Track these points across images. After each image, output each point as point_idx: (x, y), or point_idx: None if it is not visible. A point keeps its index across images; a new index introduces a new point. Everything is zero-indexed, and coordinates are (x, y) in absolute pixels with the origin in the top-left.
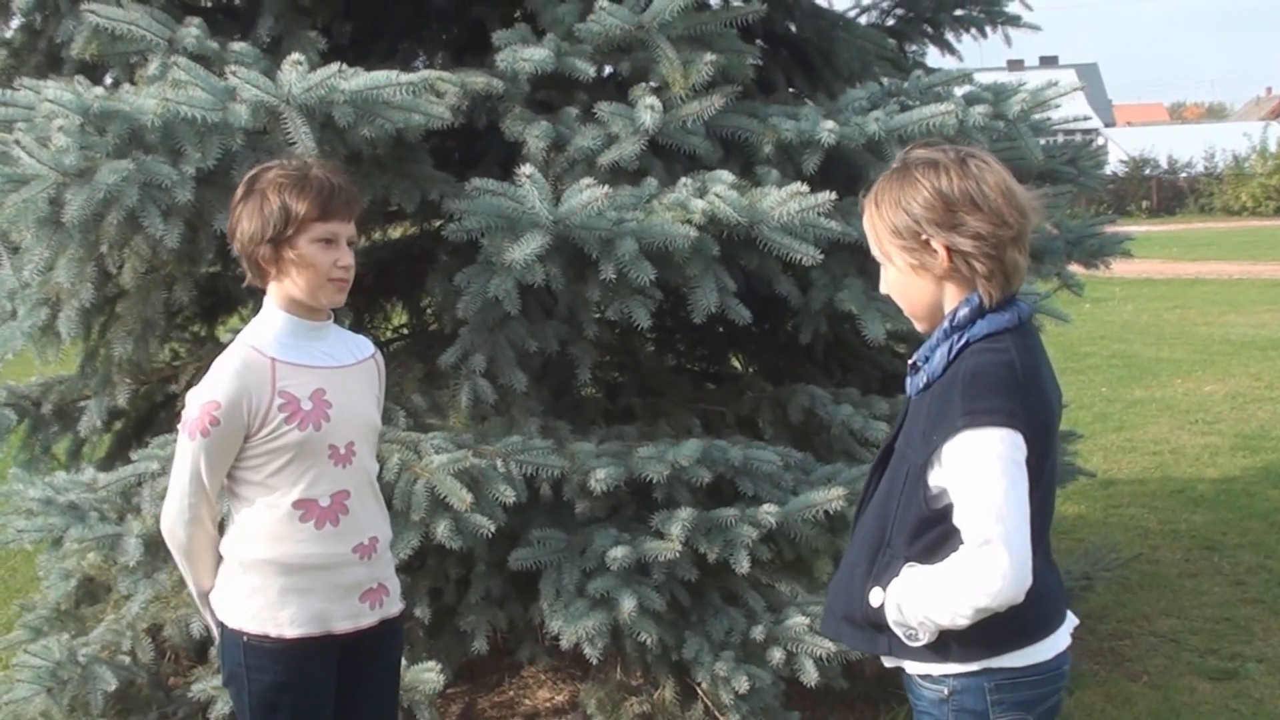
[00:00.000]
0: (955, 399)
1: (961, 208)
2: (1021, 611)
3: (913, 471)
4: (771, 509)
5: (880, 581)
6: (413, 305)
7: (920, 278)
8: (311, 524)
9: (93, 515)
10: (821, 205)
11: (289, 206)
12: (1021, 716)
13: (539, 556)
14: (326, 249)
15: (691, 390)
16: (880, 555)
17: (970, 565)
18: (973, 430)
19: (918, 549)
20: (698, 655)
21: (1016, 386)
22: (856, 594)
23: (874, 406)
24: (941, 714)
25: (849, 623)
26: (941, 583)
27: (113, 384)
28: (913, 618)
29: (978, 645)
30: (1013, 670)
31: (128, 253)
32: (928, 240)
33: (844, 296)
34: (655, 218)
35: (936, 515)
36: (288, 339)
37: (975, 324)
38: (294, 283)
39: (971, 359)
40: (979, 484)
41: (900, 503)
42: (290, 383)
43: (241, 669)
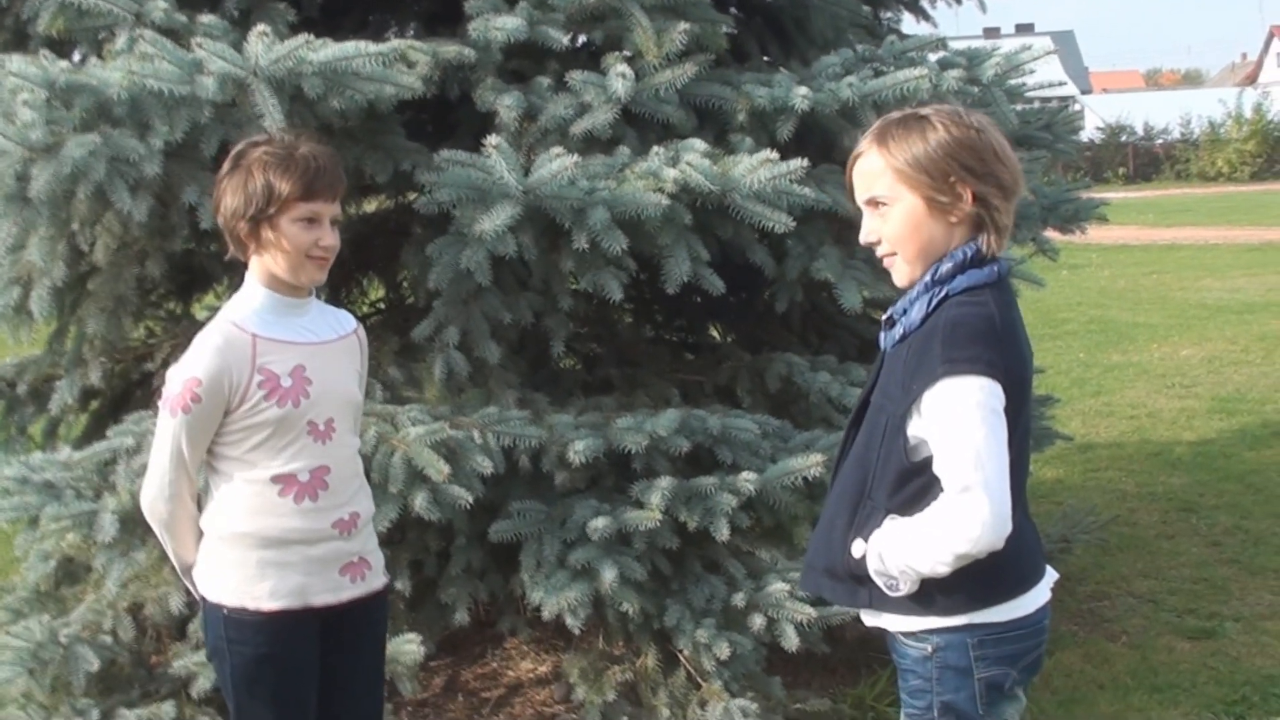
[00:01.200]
0: (935, 348)
1: (989, 156)
2: (1002, 565)
3: (891, 423)
4: (750, 477)
5: (862, 534)
6: (389, 279)
7: (932, 220)
8: (290, 498)
9: (69, 493)
10: (794, 172)
11: (273, 185)
12: (1005, 671)
13: (519, 528)
14: (308, 228)
15: (669, 360)
16: (861, 508)
17: (950, 512)
18: (953, 378)
19: (899, 501)
20: (679, 623)
21: (995, 338)
22: (837, 547)
23: (851, 374)
24: (925, 671)
25: (829, 576)
26: (922, 531)
27: (84, 361)
28: (894, 567)
29: (960, 597)
30: (995, 625)
31: (99, 229)
32: (954, 183)
33: (820, 265)
34: (627, 187)
35: (917, 467)
36: (269, 315)
37: (955, 279)
38: (274, 260)
39: (951, 310)
40: (958, 431)
41: (880, 455)
42: (270, 359)
43: (223, 642)
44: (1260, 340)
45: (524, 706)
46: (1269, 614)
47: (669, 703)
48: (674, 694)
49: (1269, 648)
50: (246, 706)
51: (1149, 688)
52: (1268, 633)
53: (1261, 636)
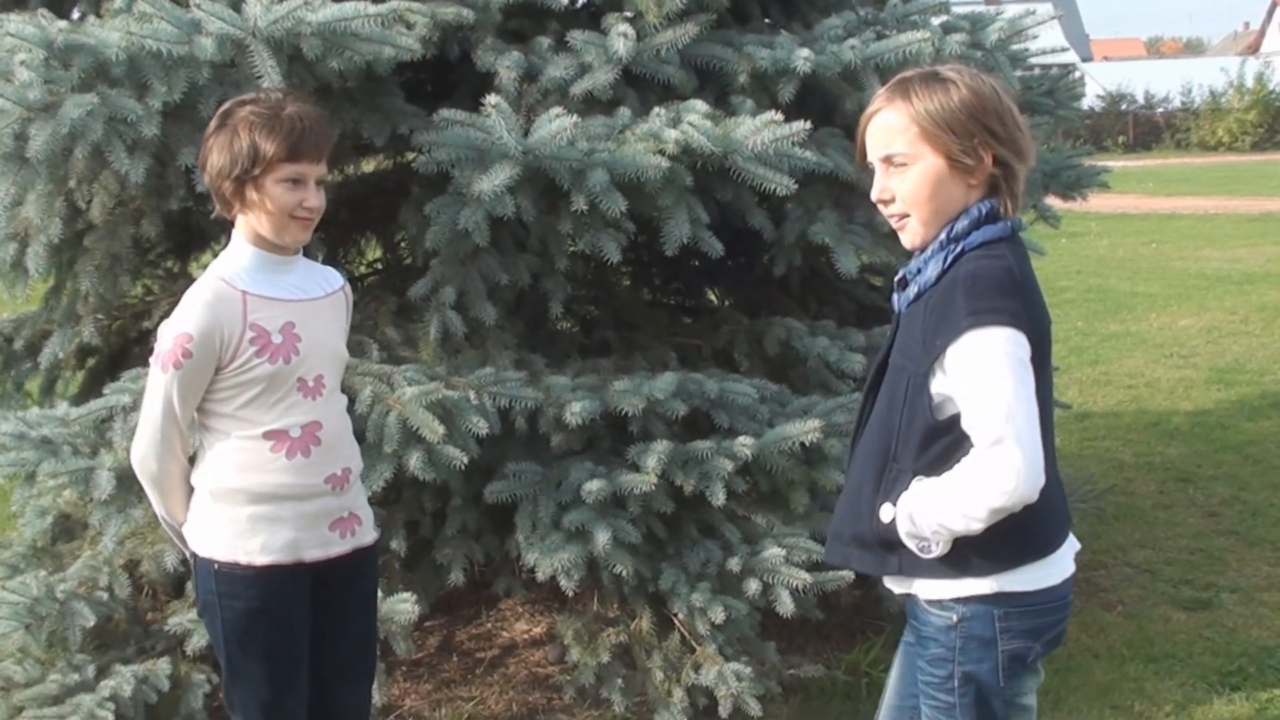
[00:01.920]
0: (957, 301)
1: (1008, 119)
2: (1031, 523)
3: (914, 382)
4: (747, 441)
5: (889, 498)
6: (386, 239)
7: (952, 180)
8: (283, 454)
9: (65, 449)
10: (796, 134)
11: (258, 145)
12: (1028, 644)
13: (514, 489)
14: (293, 189)
15: (667, 324)
16: (887, 472)
17: (983, 465)
18: (978, 330)
19: (925, 461)
20: (674, 586)
21: (1016, 288)
22: (865, 514)
23: (850, 339)
24: (949, 640)
25: (858, 545)
26: (954, 487)
27: (78, 317)
28: (925, 527)
29: (991, 557)
30: (1022, 596)
31: (96, 188)
32: (977, 145)
33: (818, 229)
34: (627, 148)
35: (943, 425)
36: (258, 272)
37: (971, 235)
38: (259, 219)
39: (969, 264)
40: (986, 383)
41: (903, 417)
42: (261, 315)
43: (214, 597)
44: (1259, 311)
45: (518, 667)
46: (1265, 585)
47: (663, 665)
48: (668, 657)
49: (1265, 619)
50: (238, 661)
51: (1145, 658)
52: (1264, 604)
53: (1258, 608)
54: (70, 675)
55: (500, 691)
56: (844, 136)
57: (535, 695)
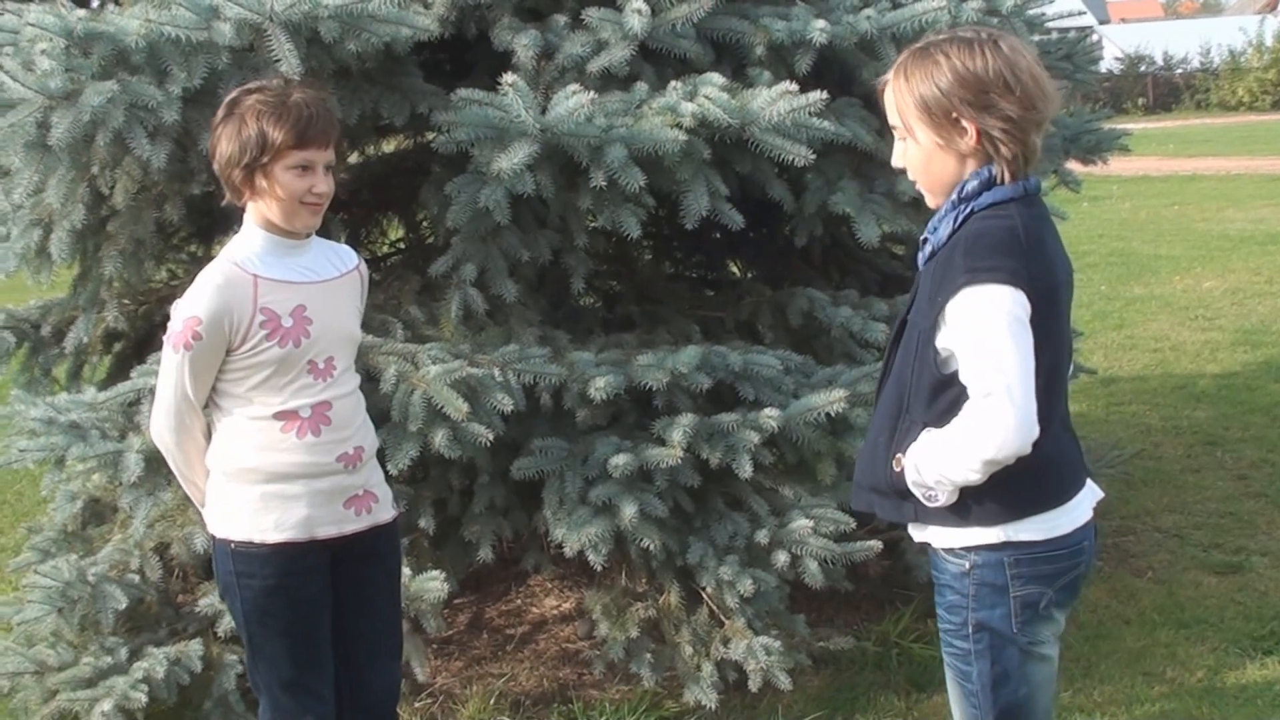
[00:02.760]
0: (957, 259)
1: (994, 89)
2: (1039, 475)
3: (922, 337)
4: (773, 413)
5: (901, 448)
6: (408, 219)
7: (944, 155)
8: (293, 434)
9: (94, 433)
10: (812, 105)
11: (266, 134)
12: (1040, 590)
13: (541, 465)
14: (301, 176)
15: (689, 297)
16: (900, 423)
17: (975, 417)
18: (974, 287)
19: (934, 413)
20: (702, 560)
21: (1018, 248)
22: (881, 463)
23: (873, 308)
24: (963, 587)
25: (876, 493)
26: (951, 439)
27: (102, 302)
28: (929, 476)
29: (997, 507)
30: (1032, 544)
31: (118, 173)
32: (957, 119)
33: (838, 199)
34: (645, 123)
35: (948, 379)
36: (269, 256)
37: (981, 195)
38: (268, 206)
39: (975, 224)
40: (980, 338)
41: (914, 370)
42: (272, 299)
43: (232, 577)
44: None
45: (548, 643)
46: None
47: (692, 640)
48: (697, 631)
49: None
50: (259, 640)
51: (1175, 623)
52: None
53: None
54: (103, 658)
55: (531, 668)
56: (862, 106)
57: (565, 671)
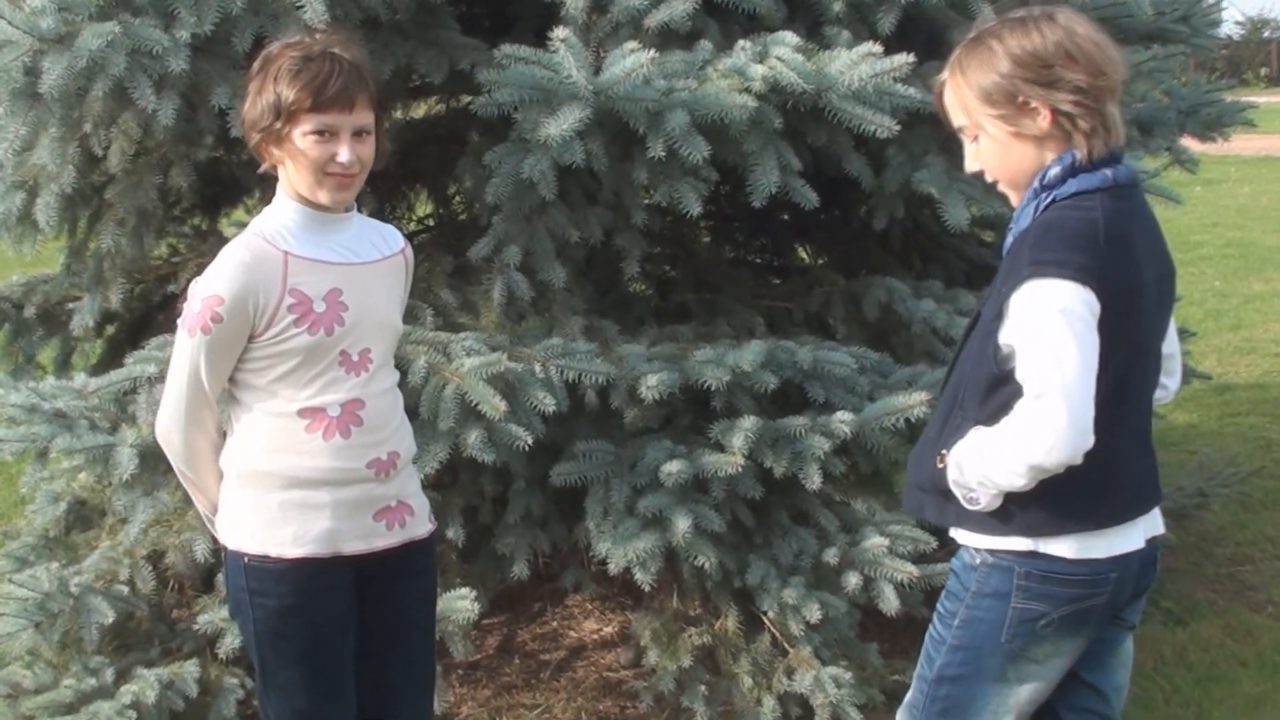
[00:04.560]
0: (1025, 250)
1: (1057, 62)
2: (1089, 490)
3: (986, 330)
4: (845, 417)
5: (948, 444)
6: (440, 192)
7: (1020, 144)
8: (319, 435)
9: (82, 424)
10: (898, 69)
11: (282, 95)
12: (1043, 611)
13: (584, 471)
14: (322, 142)
15: (753, 285)
16: (952, 418)
17: (1025, 419)
18: (1037, 280)
19: (986, 411)
20: (763, 581)
21: (1093, 243)
22: (928, 459)
23: (959, 301)
24: (967, 580)
25: (921, 490)
26: (999, 439)
27: (106, 281)
28: (971, 477)
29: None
30: (1054, 560)
31: (115, 132)
32: (1026, 102)
33: (923, 177)
34: (709, 86)
35: (1005, 376)
36: (303, 231)
37: (1065, 183)
38: (293, 176)
39: (1050, 214)
40: (1038, 335)
41: (974, 364)
42: (303, 280)
43: (245, 595)
44: None
45: (587, 671)
46: None
47: (751, 670)
48: (757, 661)
49: None
50: (272, 666)
51: None
52: None
53: None
54: (86, 680)
55: (568, 698)
56: None
57: (607, 703)
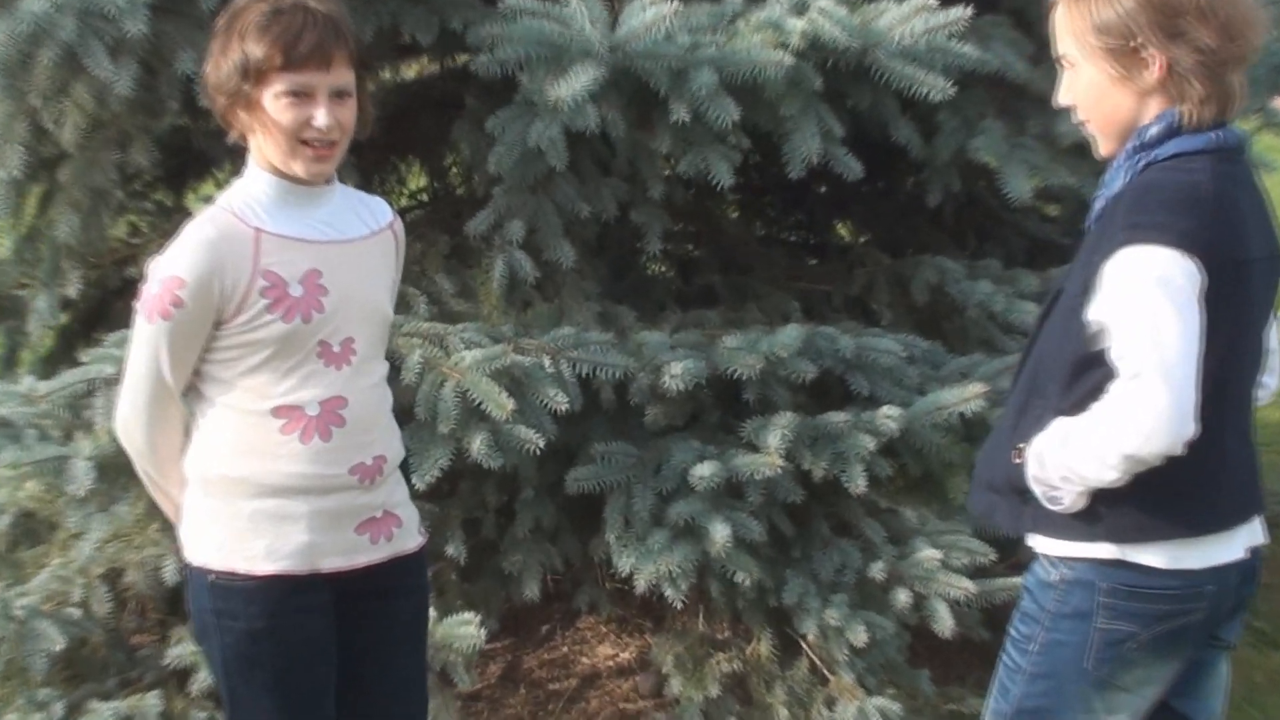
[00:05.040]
0: (1120, 214)
1: (1188, 13)
2: (1189, 495)
3: (1070, 305)
4: (892, 412)
5: (1027, 436)
6: (434, 164)
7: (1120, 91)
8: (296, 437)
9: (30, 434)
10: (953, 25)
11: (249, 53)
12: (1131, 631)
13: (602, 476)
14: (296, 105)
15: (787, 265)
16: (1030, 407)
17: (1119, 402)
18: (1134, 246)
19: (1071, 399)
20: (801, 600)
21: (1198, 207)
22: (1001, 454)
23: (1020, 282)
24: (1044, 599)
25: (992, 490)
26: (1087, 426)
27: (63, 272)
28: (1054, 472)
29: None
30: (1142, 572)
31: (67, 104)
32: (1140, 48)
33: (980, 144)
34: (740, 42)
35: (1093, 357)
36: (277, 206)
37: (1165, 143)
38: (265, 144)
39: (1149, 175)
40: (1134, 308)
41: (1056, 344)
42: (277, 260)
43: (211, 616)
44: None
45: (602, 702)
46: None
47: (787, 700)
48: (794, 689)
49: None
50: (242, 696)
51: None
52: None
53: None
54: (32, 715)
55: None
56: (1011, 25)
57: None
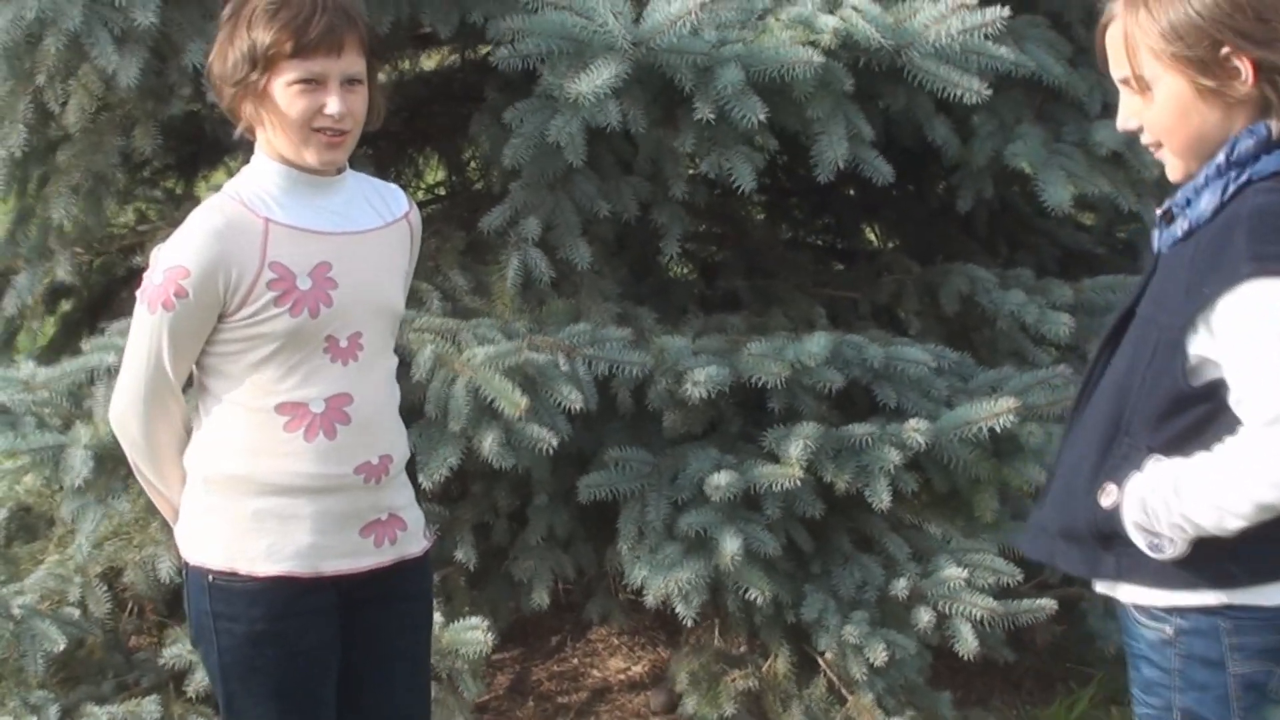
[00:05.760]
0: (1238, 243)
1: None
2: None
3: (1166, 338)
4: (919, 425)
5: (1114, 478)
6: (452, 157)
7: (1205, 104)
8: (300, 434)
9: (28, 421)
10: (990, 25)
11: (257, 40)
12: (1268, 669)
13: (616, 483)
14: (307, 93)
15: (813, 270)
16: (1114, 446)
17: (1254, 448)
18: (1263, 280)
19: (1165, 437)
20: (820, 616)
21: None
22: (1080, 497)
23: (1053, 293)
24: (1165, 660)
25: (1066, 538)
26: (1208, 472)
27: (50, 252)
28: (1164, 519)
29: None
30: (1261, 609)
31: (73, 86)
32: (1227, 55)
33: (1016, 149)
34: (769, 39)
35: (1197, 393)
36: (286, 195)
37: (1261, 159)
38: (275, 135)
39: (1257, 197)
40: (1268, 347)
41: (1146, 379)
42: (286, 251)
43: (208, 619)
44: None
45: (612, 716)
46: None
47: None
48: (811, 708)
49: None
50: (241, 702)
51: None
52: None
53: None
54: (26, 718)
55: None
56: (1049, 26)
57: None
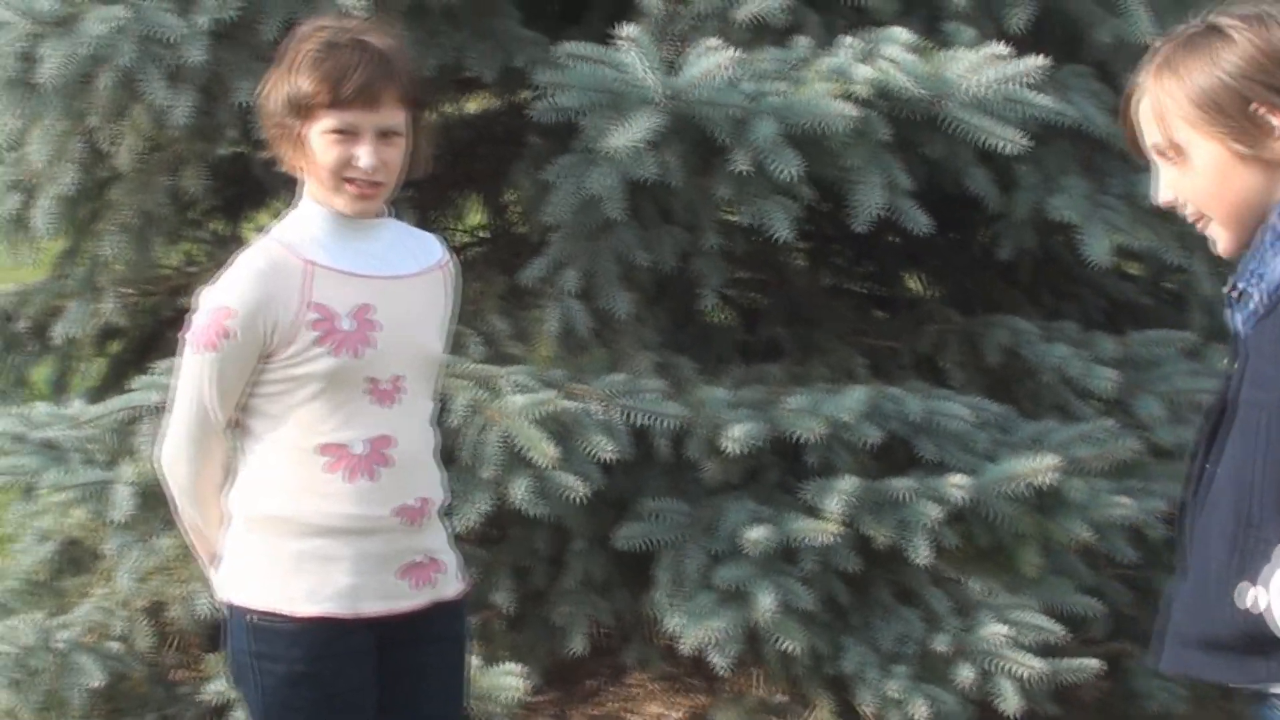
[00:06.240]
0: None
1: None
2: None
3: (1278, 419)
4: (961, 480)
5: (1248, 576)
6: (493, 200)
7: (1245, 169)
8: (341, 475)
9: (75, 456)
10: (1030, 74)
11: (299, 88)
12: None
13: (653, 533)
14: (340, 142)
15: (854, 319)
16: (1243, 543)
17: None
18: None
19: None
20: (861, 669)
21: None
22: (1215, 602)
23: (1097, 346)
24: None
25: (1206, 648)
26: None
27: (98, 289)
28: None
29: None
30: None
31: (124, 126)
32: (1263, 116)
33: (1059, 202)
34: (805, 91)
35: None
36: (329, 238)
37: None
38: (310, 181)
39: None
40: None
41: (1265, 466)
42: (328, 293)
43: (249, 659)
44: None
45: None
46: None
47: None
48: None
49: None
50: None
51: None
52: None
53: None
54: None
55: None
56: (1093, 77)
57: None
